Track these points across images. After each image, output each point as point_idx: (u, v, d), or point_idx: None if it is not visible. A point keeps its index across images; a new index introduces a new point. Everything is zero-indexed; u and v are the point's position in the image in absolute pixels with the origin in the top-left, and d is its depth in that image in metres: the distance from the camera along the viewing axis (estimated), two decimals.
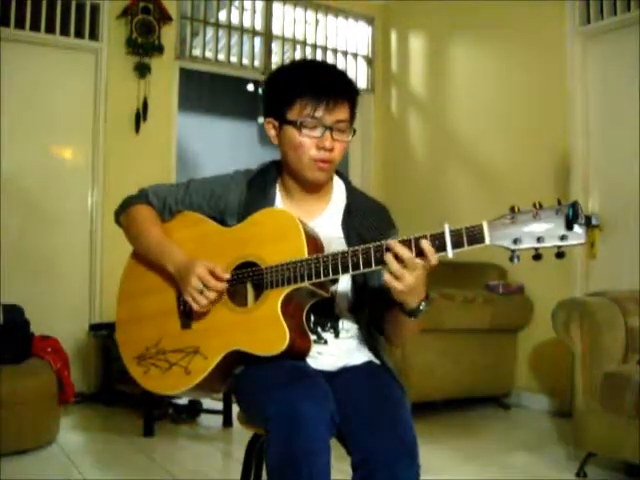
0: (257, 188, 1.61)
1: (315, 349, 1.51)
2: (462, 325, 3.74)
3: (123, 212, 1.69)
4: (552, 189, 3.91)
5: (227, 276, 1.47)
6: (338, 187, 1.66)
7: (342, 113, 1.49)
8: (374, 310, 1.56)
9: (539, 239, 1.19)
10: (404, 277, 1.28)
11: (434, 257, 1.27)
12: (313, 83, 1.48)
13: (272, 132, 1.56)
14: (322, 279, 1.37)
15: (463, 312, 3.70)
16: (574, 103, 3.84)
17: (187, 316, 1.54)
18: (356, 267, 1.34)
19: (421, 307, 1.38)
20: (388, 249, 1.29)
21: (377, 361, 1.58)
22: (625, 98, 3.61)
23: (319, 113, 1.47)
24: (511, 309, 3.94)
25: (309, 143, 1.49)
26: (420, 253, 1.27)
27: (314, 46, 5.15)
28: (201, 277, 1.46)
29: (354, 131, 1.54)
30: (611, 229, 3.67)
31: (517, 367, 4.09)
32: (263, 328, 1.42)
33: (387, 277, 1.30)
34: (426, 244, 1.26)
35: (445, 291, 3.65)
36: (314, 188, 1.58)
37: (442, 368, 3.71)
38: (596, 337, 2.70)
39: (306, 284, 1.39)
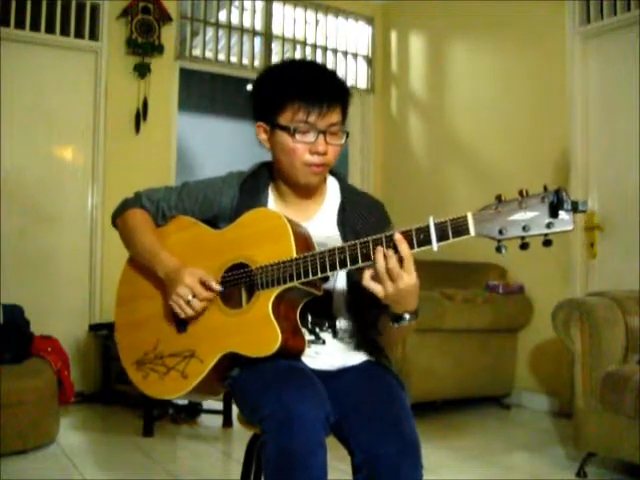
0: (249, 191, 1.60)
1: (313, 349, 1.51)
2: (462, 325, 3.74)
3: (119, 216, 1.69)
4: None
5: (218, 288, 1.47)
6: (332, 186, 1.65)
7: (335, 116, 1.47)
8: (367, 309, 1.54)
9: (524, 228, 1.17)
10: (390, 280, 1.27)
11: (406, 251, 1.25)
12: (305, 87, 1.45)
13: (263, 136, 1.54)
14: (311, 278, 1.37)
15: (463, 312, 3.70)
16: (574, 103, 3.84)
17: (182, 320, 1.54)
18: (343, 264, 1.32)
19: (406, 317, 1.34)
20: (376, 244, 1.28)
21: (376, 360, 1.57)
22: (625, 98, 3.61)
23: (312, 118, 1.44)
24: (511, 309, 3.93)
25: (302, 148, 1.47)
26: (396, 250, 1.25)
27: (314, 46, 5.15)
28: (190, 287, 1.46)
29: (347, 134, 1.51)
30: (611, 229, 3.67)
31: (517, 367, 4.09)
32: (255, 329, 1.42)
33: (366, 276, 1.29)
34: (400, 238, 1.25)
35: (445, 291, 3.65)
36: (307, 191, 1.58)
37: (442, 368, 3.71)
38: (596, 337, 2.70)
39: (296, 283, 1.38)
